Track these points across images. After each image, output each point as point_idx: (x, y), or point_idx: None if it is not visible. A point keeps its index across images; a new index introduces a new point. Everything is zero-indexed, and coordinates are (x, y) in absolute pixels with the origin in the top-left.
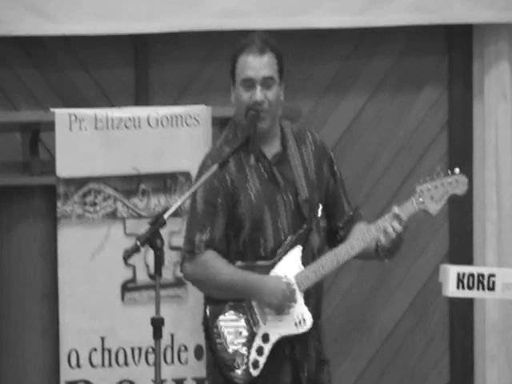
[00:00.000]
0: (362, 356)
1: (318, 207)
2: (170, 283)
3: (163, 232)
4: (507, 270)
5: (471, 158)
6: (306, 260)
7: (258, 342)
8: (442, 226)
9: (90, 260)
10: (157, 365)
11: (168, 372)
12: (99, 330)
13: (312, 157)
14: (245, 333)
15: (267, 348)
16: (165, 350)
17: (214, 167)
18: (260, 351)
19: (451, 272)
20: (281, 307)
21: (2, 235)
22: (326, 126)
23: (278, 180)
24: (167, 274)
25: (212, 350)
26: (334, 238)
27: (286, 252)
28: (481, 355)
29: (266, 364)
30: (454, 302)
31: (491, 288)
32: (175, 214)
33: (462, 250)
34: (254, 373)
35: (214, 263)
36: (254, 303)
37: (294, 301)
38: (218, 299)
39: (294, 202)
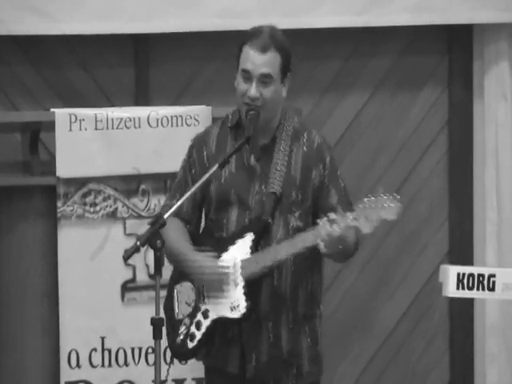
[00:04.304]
0: (362, 356)
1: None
2: None
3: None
4: (507, 270)
5: (471, 158)
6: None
7: (198, 316)
8: (442, 226)
9: (90, 260)
10: (157, 365)
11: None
12: (99, 330)
13: (301, 157)
14: (192, 304)
15: (205, 324)
16: (165, 350)
17: (215, 167)
18: (198, 325)
19: (451, 272)
20: (210, 287)
21: (2, 235)
22: (326, 125)
23: (255, 169)
24: (167, 275)
25: (165, 312)
26: None
27: (239, 237)
28: (481, 355)
29: (207, 340)
30: (454, 301)
31: (491, 288)
32: None
33: (462, 249)
34: (190, 345)
35: (170, 231)
36: None
37: (225, 282)
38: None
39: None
